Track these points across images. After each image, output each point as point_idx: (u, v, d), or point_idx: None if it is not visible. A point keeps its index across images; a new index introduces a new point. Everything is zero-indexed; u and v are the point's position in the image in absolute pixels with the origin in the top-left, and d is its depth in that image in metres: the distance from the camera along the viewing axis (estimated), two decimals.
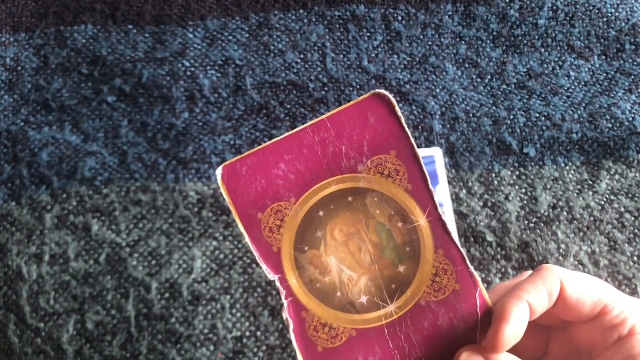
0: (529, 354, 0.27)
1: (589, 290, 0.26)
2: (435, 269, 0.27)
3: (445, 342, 0.26)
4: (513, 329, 0.25)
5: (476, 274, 0.27)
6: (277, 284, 0.27)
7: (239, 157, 0.27)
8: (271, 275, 0.27)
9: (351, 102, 0.27)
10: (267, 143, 0.27)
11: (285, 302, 0.27)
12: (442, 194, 0.45)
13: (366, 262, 0.27)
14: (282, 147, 0.27)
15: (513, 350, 0.26)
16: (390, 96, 0.27)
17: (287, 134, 0.27)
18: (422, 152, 0.43)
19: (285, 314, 0.27)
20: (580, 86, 0.50)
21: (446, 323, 0.26)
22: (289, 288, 0.27)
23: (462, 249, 0.27)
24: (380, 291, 0.27)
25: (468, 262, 0.27)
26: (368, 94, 0.27)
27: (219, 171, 0.27)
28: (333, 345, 0.26)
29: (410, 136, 0.27)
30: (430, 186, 0.27)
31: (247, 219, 0.27)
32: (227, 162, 0.27)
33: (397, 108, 0.27)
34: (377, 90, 0.27)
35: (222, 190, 0.27)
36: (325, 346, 0.26)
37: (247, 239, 0.27)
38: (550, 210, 0.45)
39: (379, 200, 0.27)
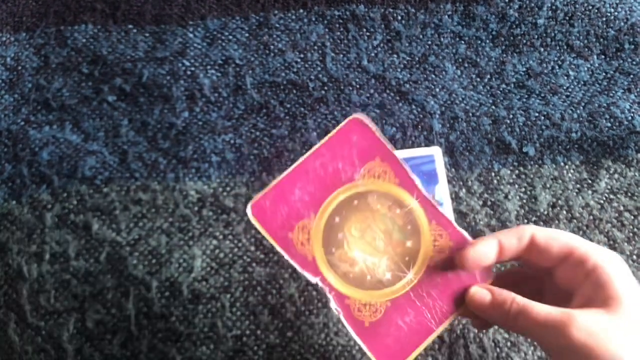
0: (528, 296, 0.32)
1: (556, 237, 0.31)
2: (433, 236, 0.34)
3: (456, 289, 0.33)
4: (476, 252, 0.32)
5: (462, 230, 0.34)
6: (320, 284, 0.33)
7: (261, 194, 0.33)
8: (313, 279, 0.33)
9: (336, 129, 0.34)
10: (280, 178, 0.33)
11: (330, 296, 0.33)
12: (442, 192, 0.45)
13: (382, 247, 0.34)
14: (292, 179, 0.33)
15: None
16: (364, 117, 0.34)
17: (294, 166, 0.33)
18: (421, 152, 0.44)
19: (333, 305, 0.33)
20: (580, 86, 0.50)
21: (453, 274, 0.33)
22: (330, 285, 0.33)
23: (446, 216, 0.34)
24: (398, 265, 0.33)
25: (454, 223, 0.34)
26: (347, 120, 0.34)
27: (249, 210, 0.33)
28: (376, 318, 0.33)
29: (387, 142, 0.34)
30: (412, 174, 0.34)
31: (281, 241, 0.33)
32: (254, 201, 0.33)
33: (370, 125, 0.34)
34: (354, 115, 0.34)
35: (255, 224, 0.33)
36: (370, 321, 0.33)
37: (286, 257, 0.33)
38: (550, 209, 0.45)
39: (378, 197, 0.34)
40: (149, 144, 0.47)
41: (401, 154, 0.46)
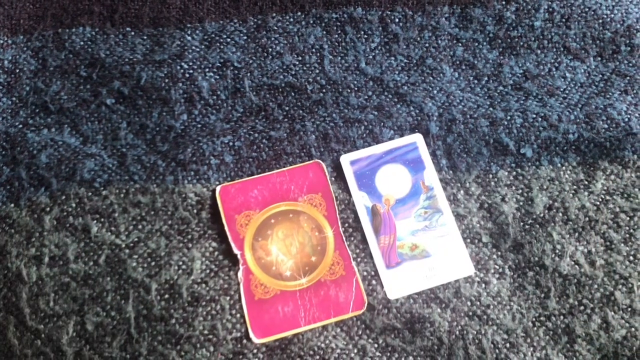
0: None
1: None
2: (333, 262, 0.44)
3: (331, 305, 0.42)
4: None
5: (355, 267, 0.43)
6: (239, 256, 0.43)
7: (231, 182, 0.45)
8: (236, 251, 0.43)
9: (301, 164, 0.46)
10: (250, 178, 0.45)
11: (241, 267, 0.43)
12: (430, 177, 0.46)
13: (293, 252, 0.44)
14: (257, 182, 0.45)
15: None
16: (323, 164, 0.46)
17: (263, 174, 0.45)
18: (403, 141, 0.47)
19: (240, 275, 0.43)
20: (577, 87, 0.50)
21: (334, 294, 0.43)
22: (245, 260, 0.43)
23: (349, 251, 0.44)
24: (299, 270, 0.43)
25: (352, 259, 0.44)
26: (311, 161, 0.46)
27: (218, 189, 0.45)
28: (264, 297, 0.42)
29: (330, 185, 0.45)
30: (337, 214, 0.45)
31: (228, 217, 0.44)
32: (223, 185, 0.45)
33: (325, 171, 0.45)
34: (316, 160, 0.46)
35: (218, 200, 0.44)
36: (260, 297, 0.42)
37: (226, 228, 0.44)
38: (546, 211, 0.45)
39: (308, 218, 0.45)
40: (148, 147, 0.47)
41: (384, 146, 0.46)
